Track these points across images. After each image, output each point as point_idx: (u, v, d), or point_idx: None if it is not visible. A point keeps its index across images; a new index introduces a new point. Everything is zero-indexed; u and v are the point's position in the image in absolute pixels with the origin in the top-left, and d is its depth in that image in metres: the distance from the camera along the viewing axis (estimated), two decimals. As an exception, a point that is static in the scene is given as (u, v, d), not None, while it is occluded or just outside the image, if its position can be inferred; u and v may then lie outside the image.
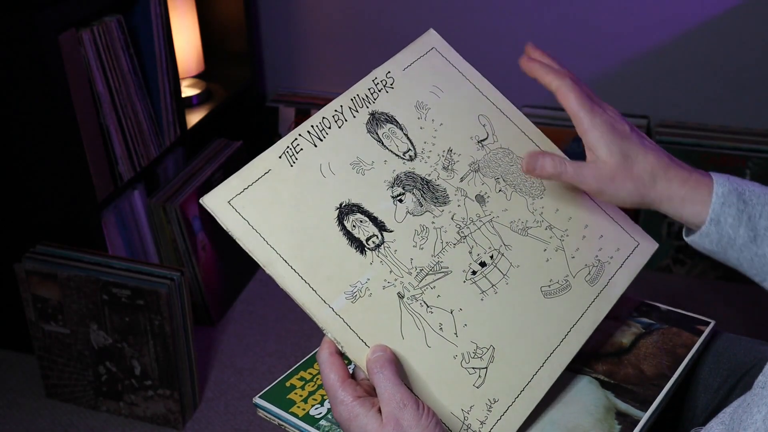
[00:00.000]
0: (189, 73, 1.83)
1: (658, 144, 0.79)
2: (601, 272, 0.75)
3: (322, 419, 0.71)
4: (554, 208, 0.76)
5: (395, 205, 0.70)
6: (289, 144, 0.69)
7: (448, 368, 0.66)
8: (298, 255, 0.65)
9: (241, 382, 1.55)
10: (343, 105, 0.73)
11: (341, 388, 0.63)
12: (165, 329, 1.35)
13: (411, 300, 0.66)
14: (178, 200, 1.61)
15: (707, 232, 0.71)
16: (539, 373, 0.69)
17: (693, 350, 0.79)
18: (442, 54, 0.80)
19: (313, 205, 0.67)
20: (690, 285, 1.82)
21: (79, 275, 1.35)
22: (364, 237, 0.67)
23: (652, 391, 0.73)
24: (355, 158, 0.70)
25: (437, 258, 0.69)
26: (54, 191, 1.40)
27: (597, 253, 0.76)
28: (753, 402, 0.58)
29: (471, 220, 0.72)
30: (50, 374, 1.47)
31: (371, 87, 0.74)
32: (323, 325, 0.64)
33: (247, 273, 1.86)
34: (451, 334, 0.67)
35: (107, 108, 1.43)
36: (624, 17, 1.79)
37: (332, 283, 0.64)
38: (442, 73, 0.79)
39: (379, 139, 0.72)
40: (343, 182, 0.69)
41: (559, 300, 0.72)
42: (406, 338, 0.65)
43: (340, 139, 0.71)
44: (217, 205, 0.65)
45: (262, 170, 0.67)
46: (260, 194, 0.66)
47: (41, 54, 1.26)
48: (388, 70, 0.76)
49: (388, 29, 1.95)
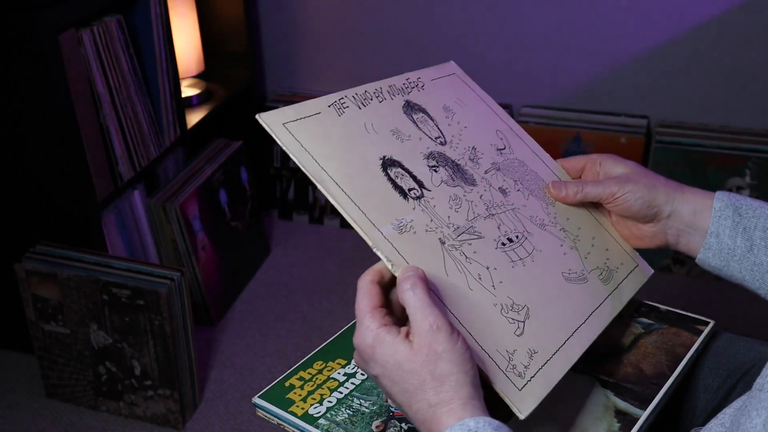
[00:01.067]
0: (189, 73, 1.83)
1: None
2: (611, 276, 0.79)
3: (321, 418, 0.72)
4: (565, 218, 0.81)
5: (431, 173, 0.74)
6: (336, 99, 0.73)
7: (490, 313, 0.67)
8: (347, 183, 0.67)
9: (241, 382, 1.55)
10: (382, 88, 0.78)
11: (370, 314, 0.61)
12: (165, 329, 1.35)
13: (451, 248, 0.69)
14: (178, 200, 1.61)
15: (709, 244, 0.77)
16: (570, 340, 0.71)
17: (692, 350, 0.79)
18: (462, 80, 0.87)
19: (360, 149, 0.70)
20: (690, 285, 1.82)
21: (79, 275, 1.35)
22: (407, 187, 0.71)
23: (652, 389, 0.74)
24: (394, 127, 0.75)
25: (471, 223, 0.72)
26: (54, 191, 1.40)
27: (605, 260, 0.80)
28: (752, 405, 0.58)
29: (497, 204, 0.76)
30: (50, 374, 1.48)
31: (405, 83, 0.80)
32: (373, 243, 0.65)
33: (247, 273, 1.86)
34: (490, 285, 0.69)
35: (107, 108, 1.43)
36: (624, 17, 1.79)
37: (380, 213, 0.67)
38: (463, 92, 0.85)
39: (414, 121, 0.77)
40: (384, 141, 0.73)
41: (578, 287, 0.75)
42: (450, 276, 0.67)
43: (381, 111, 0.75)
44: (273, 123, 0.67)
45: (313, 111, 0.70)
46: (313, 127, 0.69)
47: (41, 54, 1.26)
48: (418, 76, 0.82)
49: (387, 29, 1.95)
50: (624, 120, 1.85)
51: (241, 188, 1.85)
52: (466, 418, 0.57)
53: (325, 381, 0.76)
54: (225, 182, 1.78)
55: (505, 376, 0.64)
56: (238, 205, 1.83)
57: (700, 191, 0.79)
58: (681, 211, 0.78)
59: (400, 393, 0.59)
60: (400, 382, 0.59)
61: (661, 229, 0.80)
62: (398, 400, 0.60)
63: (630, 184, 0.79)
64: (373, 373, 0.61)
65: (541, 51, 1.87)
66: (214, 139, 1.87)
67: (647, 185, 0.79)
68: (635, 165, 0.81)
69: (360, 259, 1.90)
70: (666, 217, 0.79)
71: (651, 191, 0.78)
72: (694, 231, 0.78)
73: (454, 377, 0.58)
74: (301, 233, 2.06)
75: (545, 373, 0.67)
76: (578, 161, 0.85)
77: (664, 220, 0.79)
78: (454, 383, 0.57)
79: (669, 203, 0.78)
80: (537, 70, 1.90)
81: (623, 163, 0.81)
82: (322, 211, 2.08)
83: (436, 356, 0.58)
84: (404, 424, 0.71)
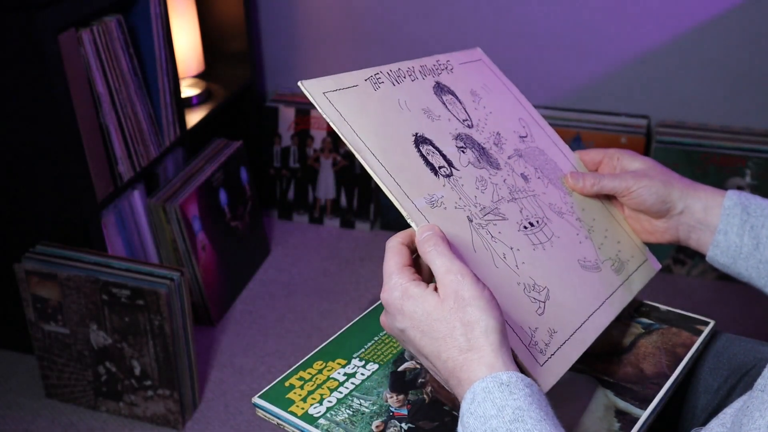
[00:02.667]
0: (189, 73, 1.83)
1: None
2: (623, 267, 0.81)
3: (321, 418, 0.71)
4: (581, 208, 0.82)
5: (460, 153, 0.75)
6: (372, 74, 0.74)
7: (514, 291, 0.69)
8: (383, 155, 0.69)
9: (241, 382, 1.55)
10: (414, 67, 0.79)
11: (398, 272, 0.62)
12: (165, 329, 1.35)
13: (478, 226, 0.70)
14: (178, 200, 1.61)
15: (717, 242, 0.78)
16: (586, 324, 0.72)
17: (692, 350, 0.79)
18: (488, 67, 0.88)
19: (395, 124, 0.72)
20: (690, 285, 1.82)
21: (79, 275, 1.35)
22: (437, 165, 0.72)
23: (652, 389, 0.73)
24: (426, 107, 0.76)
25: (495, 204, 0.74)
26: (54, 191, 1.40)
27: (617, 252, 0.81)
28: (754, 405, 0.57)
29: (519, 189, 0.78)
30: (50, 374, 1.48)
31: (435, 64, 0.82)
32: (407, 214, 0.66)
33: (247, 273, 1.86)
34: (513, 265, 0.70)
35: (107, 108, 1.43)
36: (624, 17, 1.79)
37: (413, 186, 0.68)
38: (489, 78, 0.87)
39: (443, 102, 0.79)
40: (416, 119, 0.74)
41: (593, 275, 0.77)
42: (478, 252, 0.68)
43: (414, 89, 0.77)
44: (314, 91, 0.69)
45: (351, 83, 0.72)
46: (350, 99, 0.71)
47: (41, 54, 1.26)
48: (448, 59, 0.84)
49: (387, 29, 1.95)
50: (624, 120, 1.85)
51: (241, 188, 1.85)
52: (498, 367, 0.57)
53: (325, 381, 0.76)
54: (225, 182, 1.78)
55: (528, 351, 0.66)
56: (238, 205, 1.83)
57: (712, 189, 0.80)
58: (693, 207, 0.80)
59: (429, 343, 0.60)
60: (429, 332, 0.60)
61: (673, 225, 0.81)
62: (427, 350, 0.60)
63: (645, 180, 0.80)
64: (400, 327, 0.62)
65: (541, 51, 1.87)
66: (213, 139, 1.87)
67: (662, 181, 0.80)
68: (652, 161, 0.83)
69: (360, 259, 1.90)
70: (678, 213, 0.80)
71: (665, 187, 0.80)
72: (705, 228, 0.79)
73: (483, 323, 0.58)
74: (301, 233, 2.05)
75: (564, 352, 0.69)
76: (596, 154, 0.86)
77: (676, 216, 0.80)
78: (484, 328, 0.58)
79: (682, 200, 0.80)
80: (537, 70, 1.90)
81: (640, 158, 0.83)
82: (322, 211, 2.08)
83: (464, 302, 0.59)
84: (404, 423, 0.71)
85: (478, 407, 0.56)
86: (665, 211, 0.80)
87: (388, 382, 0.76)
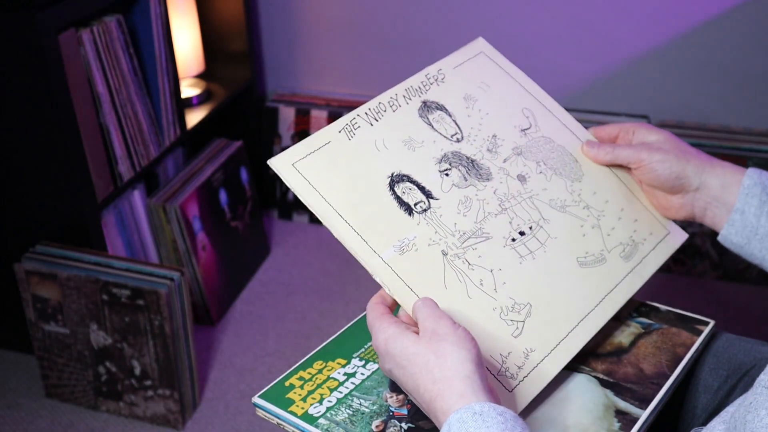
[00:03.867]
0: (189, 73, 1.83)
1: None
2: (635, 251, 0.80)
3: (320, 418, 0.72)
4: (592, 191, 0.82)
5: (442, 178, 0.76)
6: (348, 122, 0.76)
7: (488, 318, 0.70)
8: (352, 212, 0.71)
9: (241, 382, 1.55)
10: (398, 93, 0.80)
11: (378, 319, 0.66)
12: (165, 329, 1.35)
13: (454, 257, 0.72)
14: (178, 200, 1.61)
15: (733, 220, 0.76)
16: (575, 331, 0.73)
17: (692, 350, 0.79)
18: (490, 58, 0.88)
19: (368, 173, 0.73)
20: (690, 285, 1.82)
21: (79, 275, 1.35)
22: (413, 202, 0.73)
23: (652, 389, 0.73)
24: (407, 137, 0.77)
25: (479, 225, 0.75)
26: (54, 191, 1.40)
27: (632, 233, 0.81)
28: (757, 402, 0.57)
29: (512, 196, 0.78)
30: (50, 374, 1.48)
31: (423, 80, 0.82)
32: (372, 270, 0.69)
33: (247, 273, 1.86)
34: (491, 289, 0.72)
35: (107, 108, 1.44)
36: (624, 17, 1.79)
37: (382, 237, 0.70)
38: (489, 72, 0.86)
39: (429, 123, 0.79)
40: (395, 156, 0.76)
41: (594, 270, 0.77)
42: (449, 288, 0.70)
43: (394, 121, 0.78)
44: (282, 166, 0.71)
45: (324, 141, 0.74)
46: (321, 161, 0.73)
47: (41, 54, 1.26)
48: (439, 67, 0.84)
49: (388, 29, 1.95)
50: (624, 120, 1.85)
51: (241, 188, 1.85)
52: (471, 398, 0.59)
53: (325, 381, 0.76)
54: (225, 182, 1.78)
55: (496, 380, 0.68)
56: (238, 205, 1.83)
57: (731, 166, 0.79)
58: (710, 184, 0.78)
59: (409, 377, 0.62)
60: (407, 366, 0.62)
61: (688, 201, 0.80)
62: (409, 385, 0.63)
63: (660, 153, 0.79)
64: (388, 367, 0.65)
65: (541, 51, 1.87)
66: (214, 139, 1.87)
67: (677, 156, 0.79)
68: (668, 134, 0.81)
69: (360, 259, 1.90)
70: (694, 189, 0.79)
71: (680, 162, 0.78)
72: (722, 205, 0.78)
73: (455, 354, 0.61)
74: (301, 233, 2.05)
75: (540, 371, 0.69)
76: (612, 129, 0.86)
77: (692, 192, 0.79)
78: (456, 359, 0.60)
79: (698, 175, 0.78)
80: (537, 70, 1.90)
81: (656, 132, 0.82)
82: (322, 211, 2.08)
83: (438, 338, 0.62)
84: (404, 423, 0.71)
85: None
86: (680, 186, 0.79)
87: (388, 381, 0.76)
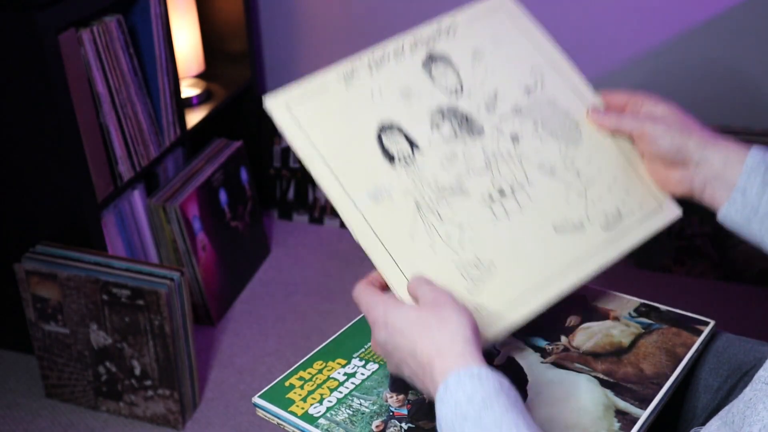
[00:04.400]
0: (189, 73, 1.83)
1: None
2: (618, 222, 0.80)
3: (321, 418, 0.72)
4: (587, 158, 0.82)
5: (432, 131, 0.76)
6: (347, 70, 0.77)
7: (446, 271, 0.71)
8: (334, 156, 0.72)
9: (241, 382, 1.55)
10: (406, 42, 0.81)
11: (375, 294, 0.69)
12: (165, 329, 1.35)
13: (427, 210, 0.73)
14: (178, 200, 1.61)
15: (734, 199, 0.75)
16: (533, 295, 0.73)
17: (692, 350, 0.79)
18: (507, 13, 0.87)
19: (358, 120, 0.74)
20: (690, 285, 1.82)
21: (79, 275, 1.35)
22: (396, 151, 0.74)
23: (652, 389, 0.73)
24: (405, 87, 0.78)
25: (459, 180, 0.75)
26: (54, 191, 1.40)
27: (619, 204, 0.81)
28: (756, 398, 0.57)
29: (501, 155, 0.78)
30: (50, 374, 1.48)
31: (434, 30, 0.83)
32: (345, 215, 0.70)
33: (247, 273, 1.86)
34: (456, 244, 0.72)
35: (107, 108, 1.43)
36: (624, 17, 1.79)
37: (358, 182, 0.71)
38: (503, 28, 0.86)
39: (431, 75, 0.80)
40: (389, 105, 0.76)
41: (569, 238, 0.77)
42: (415, 240, 0.71)
43: (395, 71, 0.78)
44: (276, 106, 0.74)
45: (321, 87, 0.75)
46: (315, 105, 0.74)
47: (41, 54, 1.26)
48: (453, 19, 0.84)
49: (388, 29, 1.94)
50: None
51: (241, 188, 1.85)
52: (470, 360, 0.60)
53: (325, 381, 0.76)
54: (225, 182, 1.78)
55: None
56: (238, 205, 1.83)
57: (735, 143, 0.77)
58: (711, 159, 0.76)
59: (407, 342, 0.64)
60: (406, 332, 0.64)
61: (688, 177, 0.78)
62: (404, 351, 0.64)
63: (663, 125, 0.79)
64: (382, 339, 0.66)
65: (541, 51, 1.87)
66: (214, 139, 1.87)
67: (680, 129, 0.78)
68: (674, 108, 0.81)
69: (360, 259, 1.89)
70: (695, 164, 0.77)
71: (682, 135, 0.78)
72: (722, 183, 0.76)
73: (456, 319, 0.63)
74: (301, 233, 2.05)
75: (486, 332, 0.70)
76: (621, 97, 0.86)
77: (692, 167, 0.78)
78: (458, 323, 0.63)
79: (699, 150, 0.77)
80: (537, 70, 1.90)
81: (663, 104, 0.82)
82: (322, 211, 2.08)
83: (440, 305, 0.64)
84: (404, 423, 0.71)
85: (451, 396, 0.59)
86: (681, 160, 0.78)
87: (388, 381, 0.76)
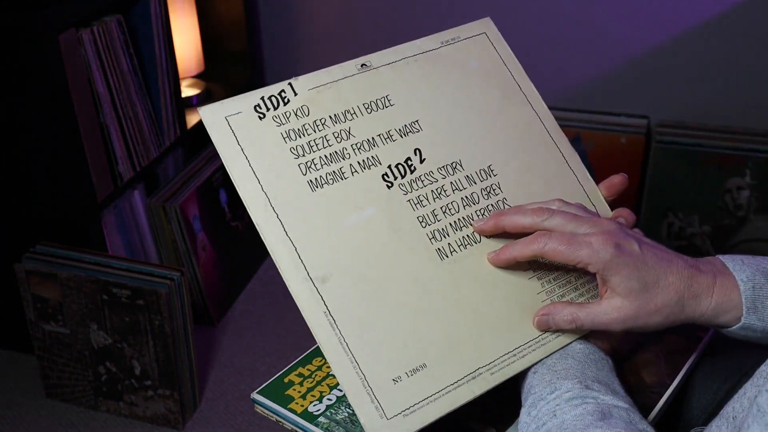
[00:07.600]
0: (189, 73, 1.83)
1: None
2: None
3: (320, 416, 0.71)
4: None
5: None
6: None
7: None
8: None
9: (241, 382, 1.55)
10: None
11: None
12: (165, 329, 1.34)
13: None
14: (178, 200, 1.61)
15: (749, 324, 0.67)
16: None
17: (692, 357, 0.78)
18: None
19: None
20: (690, 285, 1.82)
21: (79, 275, 1.35)
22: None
23: (652, 399, 0.73)
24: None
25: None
26: (54, 191, 1.40)
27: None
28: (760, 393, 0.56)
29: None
30: (50, 374, 1.47)
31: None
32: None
33: (247, 273, 1.86)
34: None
35: (107, 108, 1.44)
36: (624, 17, 1.79)
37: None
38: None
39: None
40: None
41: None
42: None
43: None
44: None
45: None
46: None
47: (41, 54, 1.26)
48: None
49: (388, 30, 1.95)
50: (624, 120, 1.85)
51: (241, 188, 1.85)
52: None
53: (325, 378, 0.76)
54: (225, 182, 1.78)
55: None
56: (238, 205, 1.83)
57: (719, 276, 0.67)
58: (695, 316, 0.67)
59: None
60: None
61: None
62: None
63: (641, 318, 0.66)
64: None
65: (541, 50, 1.87)
66: (214, 139, 1.87)
67: (661, 315, 0.66)
68: (647, 272, 0.65)
69: (360, 260, 1.90)
70: (691, 320, 0.67)
71: (669, 318, 0.66)
72: (722, 322, 0.68)
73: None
74: (301, 233, 2.05)
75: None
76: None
77: (689, 322, 0.68)
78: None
79: (696, 317, 0.67)
80: (537, 70, 1.90)
81: (635, 276, 0.65)
82: (322, 211, 2.08)
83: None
84: (404, 422, 0.71)
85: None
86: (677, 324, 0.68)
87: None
